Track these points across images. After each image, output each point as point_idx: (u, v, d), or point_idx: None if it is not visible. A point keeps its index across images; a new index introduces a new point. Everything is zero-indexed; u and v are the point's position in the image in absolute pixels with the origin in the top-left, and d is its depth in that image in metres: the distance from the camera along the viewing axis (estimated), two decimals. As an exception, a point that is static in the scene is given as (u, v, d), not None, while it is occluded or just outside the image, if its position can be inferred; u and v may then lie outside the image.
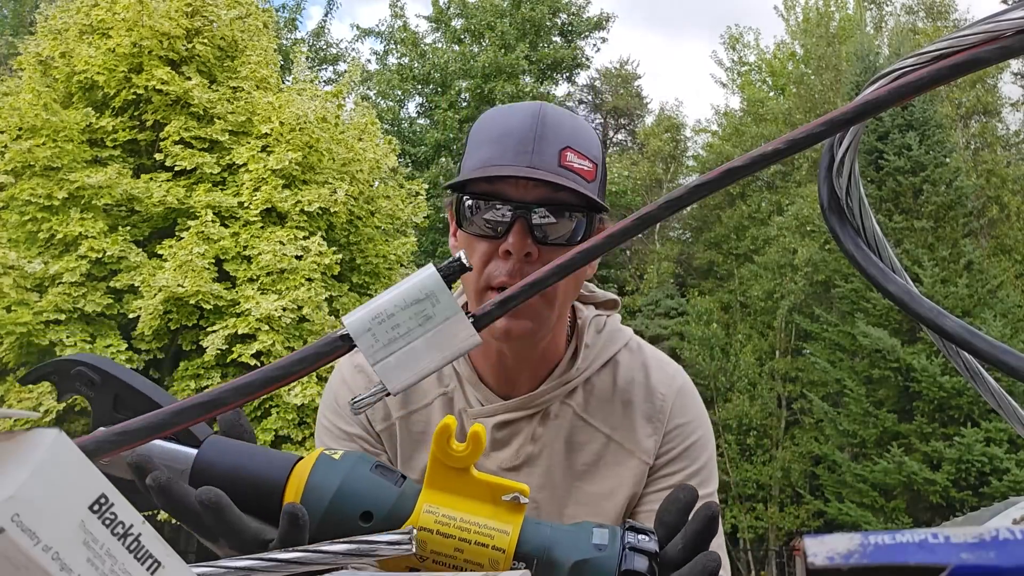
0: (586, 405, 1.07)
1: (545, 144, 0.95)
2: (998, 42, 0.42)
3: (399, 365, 0.53)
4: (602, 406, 1.07)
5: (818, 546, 0.28)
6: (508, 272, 0.95)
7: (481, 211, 0.96)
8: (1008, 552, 0.26)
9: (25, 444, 0.32)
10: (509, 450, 1.05)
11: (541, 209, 0.94)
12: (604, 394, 1.08)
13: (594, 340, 1.10)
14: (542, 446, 1.05)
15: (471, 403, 1.08)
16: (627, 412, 1.07)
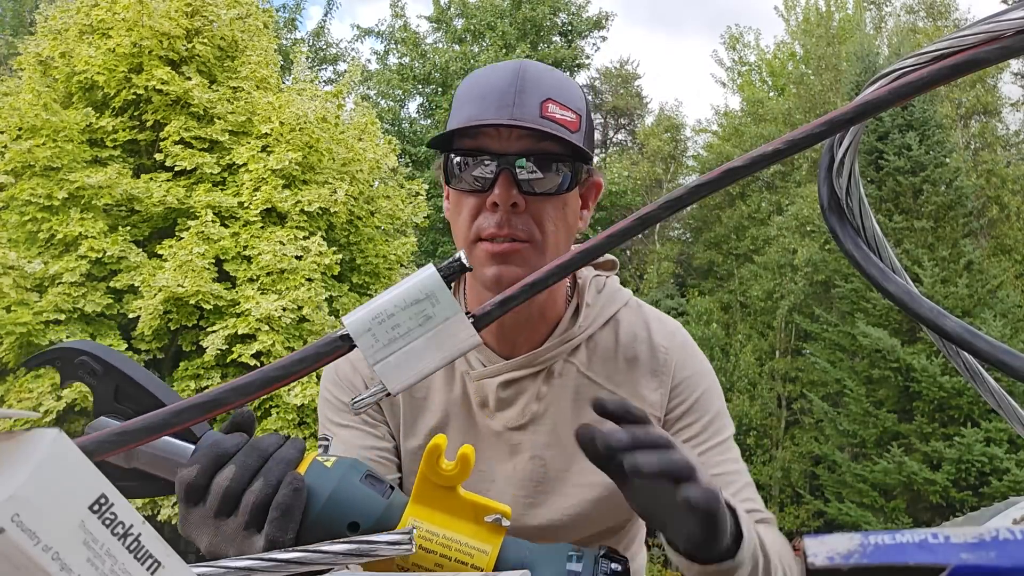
0: (589, 363, 1.07)
1: (526, 96, 0.96)
2: (998, 42, 0.42)
3: (399, 365, 0.53)
4: (606, 363, 1.08)
5: (818, 546, 0.28)
6: (496, 223, 0.96)
7: (467, 167, 0.98)
8: (1008, 552, 0.26)
9: (25, 444, 0.32)
10: (515, 409, 1.06)
11: (525, 160, 0.95)
12: (607, 351, 1.08)
13: (595, 299, 1.11)
14: (547, 404, 1.06)
15: (473, 366, 1.08)
16: (631, 368, 1.08)
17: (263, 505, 0.61)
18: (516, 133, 0.95)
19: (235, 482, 0.62)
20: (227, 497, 0.62)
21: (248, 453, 0.63)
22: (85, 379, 0.65)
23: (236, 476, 0.62)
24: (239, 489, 0.62)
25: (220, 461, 0.63)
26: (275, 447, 0.64)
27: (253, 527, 0.61)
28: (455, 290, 1.14)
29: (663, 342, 1.10)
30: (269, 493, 0.61)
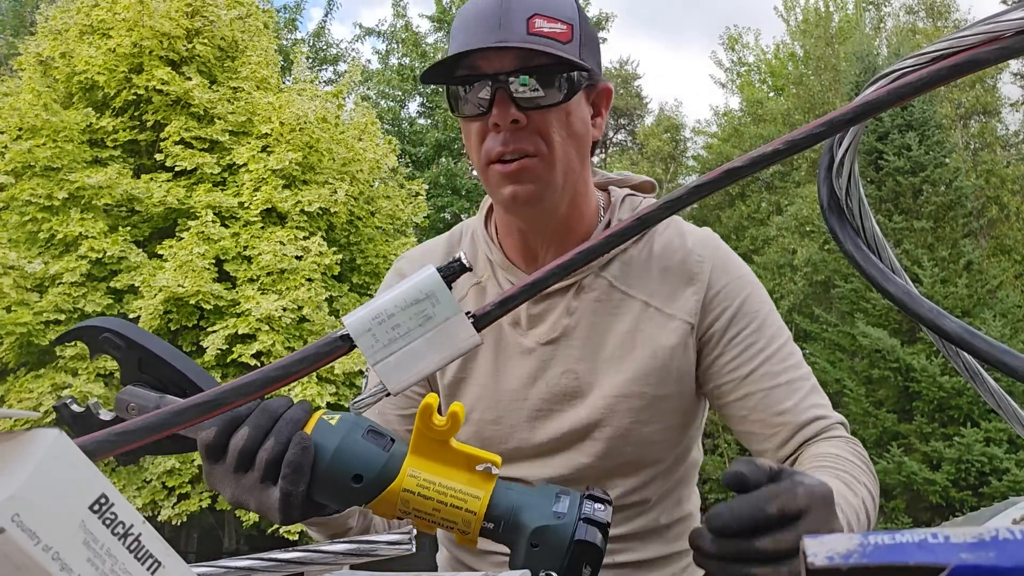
0: (622, 276, 1.07)
1: (511, 16, 0.96)
2: (998, 43, 0.42)
3: (399, 365, 0.53)
4: (639, 275, 1.07)
5: (818, 546, 0.28)
6: (502, 142, 0.97)
7: (466, 93, 0.99)
8: (1008, 552, 0.26)
9: (25, 444, 0.32)
10: (545, 325, 1.07)
11: (524, 80, 0.96)
12: (641, 263, 1.08)
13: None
14: (578, 318, 1.06)
15: (503, 287, 1.09)
16: (665, 277, 1.07)
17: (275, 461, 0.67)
18: (507, 53, 0.96)
19: (250, 441, 0.69)
20: (243, 455, 0.69)
21: (260, 415, 0.69)
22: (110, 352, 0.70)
23: (250, 436, 0.68)
24: (253, 448, 0.69)
25: (235, 423, 0.70)
26: (284, 408, 0.71)
27: (268, 480, 0.68)
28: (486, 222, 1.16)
29: (699, 250, 1.09)
30: (280, 451, 0.67)
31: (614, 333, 1.06)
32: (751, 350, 1.05)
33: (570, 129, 1.00)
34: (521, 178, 0.98)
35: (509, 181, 0.99)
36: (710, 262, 1.08)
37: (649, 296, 1.06)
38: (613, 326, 1.06)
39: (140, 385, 0.72)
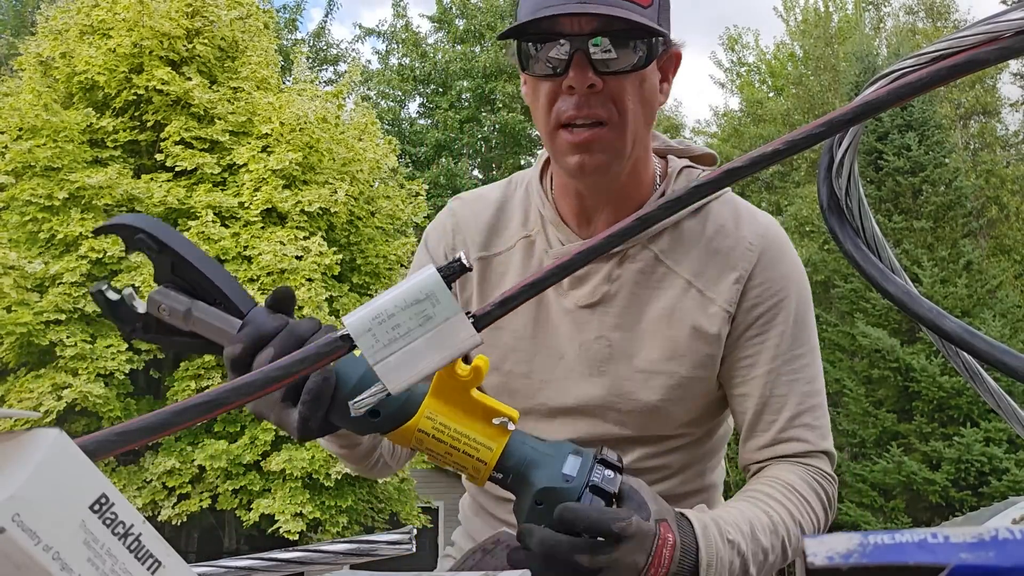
0: (669, 250, 1.06)
1: None
2: (997, 43, 0.42)
3: (399, 365, 0.53)
4: (687, 252, 1.06)
5: (818, 546, 0.28)
6: (575, 105, 0.95)
7: (540, 51, 0.97)
8: (1007, 552, 0.26)
9: (25, 444, 0.32)
10: (586, 288, 1.06)
11: (599, 41, 0.94)
12: (691, 240, 1.06)
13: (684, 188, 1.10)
14: (619, 286, 1.05)
15: (552, 244, 1.09)
16: (712, 260, 1.05)
17: (296, 386, 0.69)
18: (587, 17, 0.94)
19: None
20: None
21: (286, 337, 0.70)
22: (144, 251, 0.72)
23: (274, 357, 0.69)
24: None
25: (262, 342, 0.70)
26: (310, 333, 0.71)
27: (288, 401, 0.70)
28: (542, 176, 1.15)
29: (751, 237, 1.07)
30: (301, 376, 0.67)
31: (653, 307, 1.05)
32: (767, 354, 1.04)
33: (642, 95, 0.99)
34: (591, 148, 0.97)
35: (578, 150, 0.97)
36: (758, 252, 1.06)
37: (694, 275, 1.05)
38: (653, 300, 1.05)
39: (170, 286, 0.73)
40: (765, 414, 1.03)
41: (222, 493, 10.81)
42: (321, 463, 10.74)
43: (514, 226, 1.12)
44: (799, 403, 1.03)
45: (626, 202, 1.06)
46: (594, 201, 1.06)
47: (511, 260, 1.11)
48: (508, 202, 1.15)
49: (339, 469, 10.72)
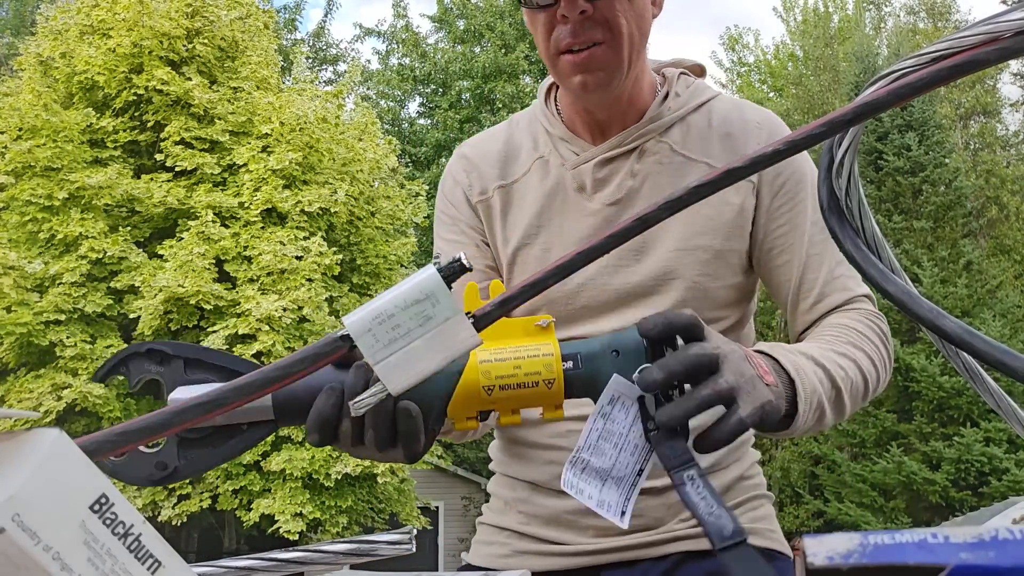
0: (682, 142, 1.10)
1: None
2: (997, 43, 0.42)
3: (399, 365, 0.53)
4: (700, 140, 1.10)
5: (818, 546, 0.28)
6: (571, 33, 1.00)
7: None
8: (1007, 552, 0.26)
9: (25, 444, 0.32)
10: (610, 187, 1.10)
11: None
12: (700, 131, 1.11)
13: (684, 90, 1.15)
14: (642, 179, 1.09)
15: (566, 159, 1.12)
16: (726, 142, 1.10)
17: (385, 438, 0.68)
18: None
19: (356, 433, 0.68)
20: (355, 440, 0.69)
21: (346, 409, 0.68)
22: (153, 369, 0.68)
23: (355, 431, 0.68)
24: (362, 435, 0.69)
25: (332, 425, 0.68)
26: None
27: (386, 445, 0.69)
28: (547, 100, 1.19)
29: (757, 118, 1.13)
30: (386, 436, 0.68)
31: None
32: (800, 218, 1.09)
33: (634, 12, 1.03)
34: (591, 66, 1.01)
35: (579, 70, 1.01)
36: (767, 131, 1.12)
37: (711, 159, 1.09)
38: (677, 185, 1.07)
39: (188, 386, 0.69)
40: (808, 273, 1.08)
41: (222, 493, 10.81)
42: (321, 463, 10.74)
43: (526, 151, 1.16)
44: (831, 257, 1.09)
45: (632, 107, 1.11)
46: (603, 114, 1.11)
47: (529, 182, 1.14)
48: (514, 134, 1.19)
49: (339, 469, 10.72)
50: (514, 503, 1.13)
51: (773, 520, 1.14)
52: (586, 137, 1.13)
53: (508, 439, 1.16)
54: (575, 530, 1.07)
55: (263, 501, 10.62)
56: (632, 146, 1.10)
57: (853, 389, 0.92)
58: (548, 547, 1.08)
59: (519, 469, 1.13)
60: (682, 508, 1.05)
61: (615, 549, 1.05)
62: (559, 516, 1.07)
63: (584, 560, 1.06)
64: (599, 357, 0.68)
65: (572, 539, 1.07)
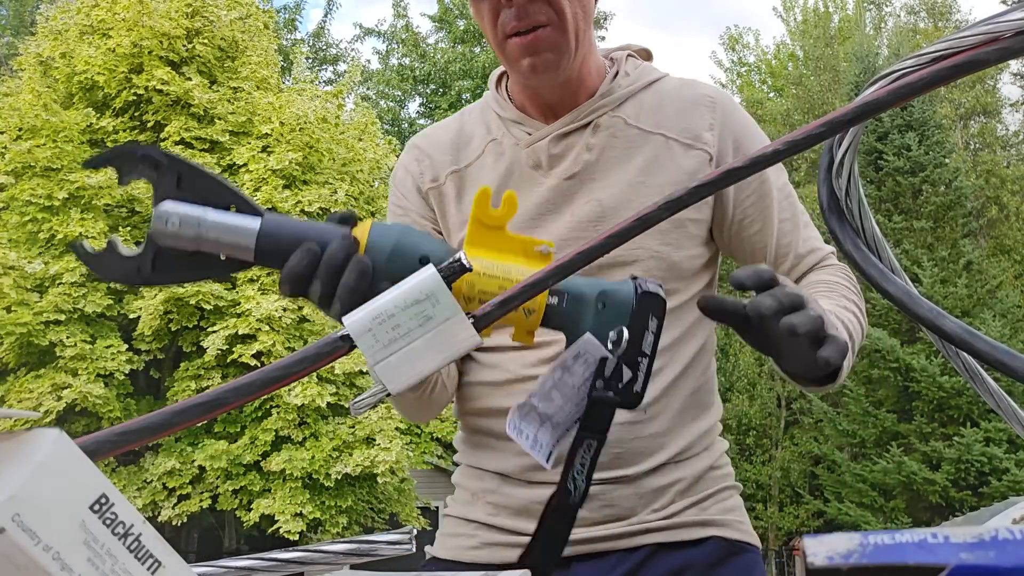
0: (635, 116, 1.11)
1: None
2: (998, 43, 0.42)
3: (399, 365, 0.53)
4: (653, 114, 1.12)
5: (818, 546, 0.28)
6: (515, 16, 1.01)
7: None
8: (1007, 552, 0.26)
9: (25, 444, 0.32)
10: (566, 162, 1.10)
11: None
12: (652, 106, 1.12)
13: (633, 70, 1.17)
14: (598, 152, 1.10)
15: (519, 139, 1.13)
16: (680, 114, 1.12)
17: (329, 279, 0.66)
18: None
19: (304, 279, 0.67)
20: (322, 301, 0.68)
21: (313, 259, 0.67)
22: (146, 172, 0.67)
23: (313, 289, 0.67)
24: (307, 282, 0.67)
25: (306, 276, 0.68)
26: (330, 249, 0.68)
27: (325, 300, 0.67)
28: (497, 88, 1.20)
29: (709, 92, 1.16)
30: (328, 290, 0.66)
31: (635, 162, 1.09)
32: (766, 187, 1.11)
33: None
34: (538, 48, 1.02)
35: (527, 53, 1.02)
36: (719, 102, 1.15)
37: (666, 131, 1.11)
38: (634, 157, 1.10)
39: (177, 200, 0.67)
40: (782, 238, 1.12)
41: (222, 493, 10.81)
42: (321, 463, 10.74)
43: (479, 136, 1.17)
44: (800, 220, 1.13)
45: (582, 90, 1.12)
46: (554, 96, 1.12)
47: (484, 165, 1.15)
48: (466, 122, 1.20)
49: (339, 470, 10.72)
50: (482, 494, 1.11)
51: (742, 511, 1.14)
52: (538, 118, 1.14)
53: (475, 430, 1.15)
54: None
55: (263, 501, 10.62)
56: (586, 121, 1.11)
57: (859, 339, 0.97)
58: (517, 538, 1.07)
59: (487, 460, 1.12)
60: (654, 498, 1.06)
61: (585, 540, 1.04)
62: (529, 507, 1.06)
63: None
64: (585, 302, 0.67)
65: None
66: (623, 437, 1.04)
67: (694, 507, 1.08)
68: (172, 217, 0.66)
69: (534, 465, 1.05)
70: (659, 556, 1.05)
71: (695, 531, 1.07)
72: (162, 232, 0.66)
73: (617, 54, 1.20)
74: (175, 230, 0.66)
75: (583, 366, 0.66)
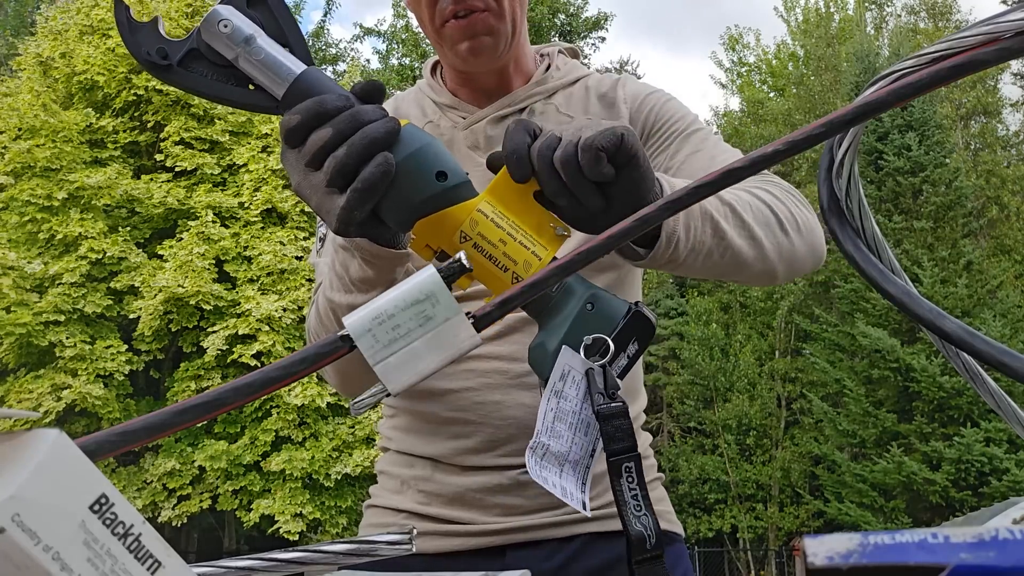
0: (567, 105, 1.15)
1: None
2: (998, 43, 0.42)
3: (399, 365, 0.53)
4: (581, 104, 1.15)
5: (818, 546, 0.28)
6: (453, 1, 1.02)
7: None
8: (1008, 552, 0.26)
9: (25, 444, 0.32)
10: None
11: None
12: (580, 97, 1.16)
13: (564, 65, 1.21)
14: None
15: (456, 121, 1.15)
16: (604, 102, 1.15)
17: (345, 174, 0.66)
18: None
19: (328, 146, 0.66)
20: (316, 157, 0.67)
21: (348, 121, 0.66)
22: None
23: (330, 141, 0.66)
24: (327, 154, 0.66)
25: (323, 118, 0.67)
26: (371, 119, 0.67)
27: (335, 188, 0.67)
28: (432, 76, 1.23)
29: (630, 84, 1.19)
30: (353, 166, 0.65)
31: None
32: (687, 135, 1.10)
33: None
34: (476, 31, 1.04)
35: (464, 37, 1.04)
36: (629, 83, 1.18)
37: (594, 115, 1.13)
38: None
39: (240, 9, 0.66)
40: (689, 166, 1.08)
41: (222, 494, 10.81)
42: (321, 463, 10.74)
43: (414, 118, 1.18)
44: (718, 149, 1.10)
45: (518, 73, 1.16)
46: (489, 82, 1.15)
47: None
48: (400, 106, 1.21)
49: (339, 470, 10.71)
50: (412, 482, 1.09)
51: (667, 502, 1.15)
52: (473, 103, 1.16)
53: (408, 412, 1.13)
54: (480, 509, 1.04)
55: (263, 501, 10.62)
56: (522, 106, 1.14)
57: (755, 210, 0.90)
58: (450, 527, 1.05)
59: (418, 445, 1.10)
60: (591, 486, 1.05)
61: (521, 529, 1.03)
62: (464, 495, 1.05)
63: (488, 540, 1.04)
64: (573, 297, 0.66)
65: (477, 518, 1.04)
66: None
67: None
68: (226, 21, 0.64)
69: (468, 449, 1.04)
70: (593, 545, 1.05)
71: None
72: (210, 31, 0.64)
73: (548, 49, 1.24)
74: (225, 32, 0.64)
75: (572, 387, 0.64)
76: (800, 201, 1.00)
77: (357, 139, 0.66)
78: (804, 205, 1.00)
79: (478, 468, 1.04)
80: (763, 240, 0.89)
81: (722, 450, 17.43)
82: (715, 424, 17.49)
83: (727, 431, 17.65)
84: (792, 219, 0.94)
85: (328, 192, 0.68)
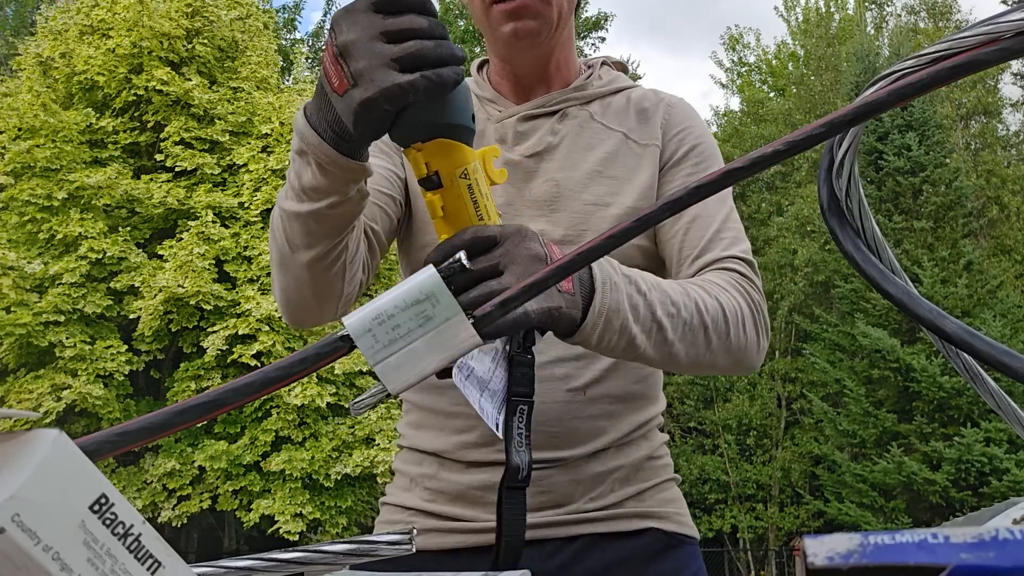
0: (601, 113, 1.17)
1: None
2: (998, 43, 0.42)
3: (399, 365, 0.53)
4: (618, 115, 1.17)
5: (818, 546, 0.28)
6: None
7: None
8: (1008, 552, 0.26)
9: (25, 444, 0.32)
10: (530, 141, 1.15)
11: None
12: (620, 107, 1.18)
13: (607, 75, 1.23)
14: (561, 137, 1.15)
15: (491, 115, 1.18)
16: (641, 117, 1.18)
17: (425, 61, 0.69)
18: None
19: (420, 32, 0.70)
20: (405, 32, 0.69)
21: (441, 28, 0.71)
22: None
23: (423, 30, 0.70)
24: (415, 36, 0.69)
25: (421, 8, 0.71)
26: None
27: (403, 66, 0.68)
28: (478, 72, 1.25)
29: (668, 98, 1.21)
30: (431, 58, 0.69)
31: (595, 153, 1.14)
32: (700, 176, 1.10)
33: None
34: (522, 15, 1.05)
35: (511, 18, 1.06)
36: (676, 104, 1.21)
37: (628, 131, 1.16)
38: (595, 148, 1.14)
39: None
40: (693, 231, 1.09)
41: (222, 494, 10.81)
42: (321, 463, 10.74)
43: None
44: (720, 219, 1.10)
45: (559, 76, 1.18)
46: (531, 77, 1.17)
47: None
48: None
49: (339, 470, 10.71)
50: (420, 479, 1.11)
51: (682, 504, 1.14)
52: (508, 95, 1.19)
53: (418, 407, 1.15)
54: (481, 506, 1.06)
55: (263, 502, 10.62)
56: (555, 108, 1.15)
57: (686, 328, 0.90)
58: (453, 524, 1.07)
59: (425, 440, 1.12)
60: (592, 486, 1.06)
61: None
62: (466, 492, 1.06)
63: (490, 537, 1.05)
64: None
65: (478, 516, 1.05)
66: (561, 416, 1.04)
67: (633, 498, 1.08)
68: None
69: (470, 443, 1.06)
70: (597, 546, 1.05)
71: (634, 522, 1.07)
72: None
73: (595, 61, 1.26)
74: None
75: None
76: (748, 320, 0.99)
77: (446, 44, 0.71)
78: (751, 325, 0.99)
79: (480, 464, 1.05)
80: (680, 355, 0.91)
81: (722, 450, 17.43)
82: (715, 424, 17.49)
83: (727, 431, 17.64)
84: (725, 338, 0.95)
85: (387, 66, 0.68)
